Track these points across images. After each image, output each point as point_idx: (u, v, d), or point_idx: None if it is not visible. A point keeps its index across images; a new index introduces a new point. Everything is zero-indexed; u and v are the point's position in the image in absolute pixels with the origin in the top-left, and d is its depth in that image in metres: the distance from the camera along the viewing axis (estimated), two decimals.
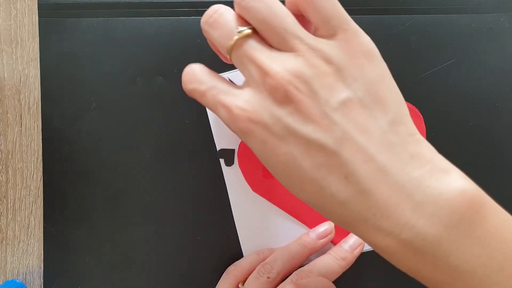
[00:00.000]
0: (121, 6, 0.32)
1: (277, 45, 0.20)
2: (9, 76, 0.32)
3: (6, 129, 0.32)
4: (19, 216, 0.32)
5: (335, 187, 0.19)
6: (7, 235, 0.32)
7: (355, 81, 0.20)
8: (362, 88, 0.20)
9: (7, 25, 0.32)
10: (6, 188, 0.32)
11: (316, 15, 0.20)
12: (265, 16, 0.20)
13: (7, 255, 0.32)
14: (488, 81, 0.32)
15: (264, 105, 0.20)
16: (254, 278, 0.29)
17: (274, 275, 0.29)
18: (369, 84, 0.20)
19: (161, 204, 0.32)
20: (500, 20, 0.32)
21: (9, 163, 0.32)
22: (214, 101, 0.21)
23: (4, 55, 0.32)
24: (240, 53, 0.21)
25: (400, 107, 0.20)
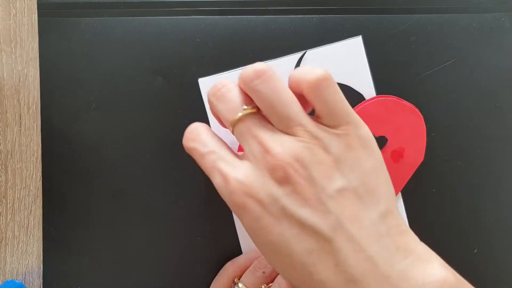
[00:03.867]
0: (121, 6, 0.32)
1: (280, 127, 0.21)
2: (8, 76, 0.32)
3: (5, 129, 0.32)
4: (18, 216, 0.32)
5: (325, 274, 0.19)
6: (6, 235, 0.32)
7: (351, 171, 0.21)
8: (357, 179, 0.21)
9: (7, 25, 0.31)
10: (5, 188, 0.32)
11: (322, 107, 0.21)
12: (271, 101, 0.21)
13: (6, 255, 0.32)
14: (488, 81, 0.32)
15: (263, 182, 0.20)
16: (250, 273, 0.29)
17: (270, 270, 0.29)
18: (364, 175, 0.21)
19: (161, 204, 0.32)
20: (500, 20, 0.32)
21: (8, 163, 0.32)
22: (212, 167, 0.22)
23: (4, 55, 0.31)
24: (243, 128, 0.21)
25: (391, 199, 0.21)
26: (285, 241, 0.20)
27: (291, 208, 0.20)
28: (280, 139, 0.21)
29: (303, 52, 0.31)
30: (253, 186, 0.20)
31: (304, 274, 0.20)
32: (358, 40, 0.32)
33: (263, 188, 0.20)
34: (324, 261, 0.19)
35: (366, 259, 0.19)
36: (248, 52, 0.32)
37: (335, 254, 0.19)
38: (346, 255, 0.19)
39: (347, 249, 0.19)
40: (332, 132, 0.21)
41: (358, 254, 0.19)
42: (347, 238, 0.19)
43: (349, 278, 0.19)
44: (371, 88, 0.32)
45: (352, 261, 0.19)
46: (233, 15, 0.32)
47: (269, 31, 0.32)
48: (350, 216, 0.20)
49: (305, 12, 0.32)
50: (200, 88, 0.32)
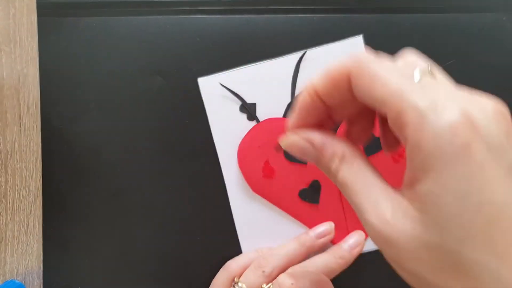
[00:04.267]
0: (121, 5, 0.32)
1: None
2: (8, 75, 0.31)
3: (5, 129, 0.32)
4: (18, 217, 0.32)
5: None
6: (6, 236, 0.32)
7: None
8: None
9: (6, 24, 0.31)
10: (5, 188, 0.32)
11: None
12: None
13: (6, 255, 0.32)
14: (488, 81, 0.32)
15: (487, 123, 0.16)
16: (250, 272, 0.29)
17: (270, 269, 0.29)
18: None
19: (161, 204, 0.32)
20: (500, 20, 0.32)
21: (8, 163, 0.32)
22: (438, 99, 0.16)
23: (3, 55, 0.31)
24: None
25: None
26: (510, 203, 0.15)
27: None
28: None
29: (303, 52, 0.31)
30: (482, 123, 0.15)
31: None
32: (359, 40, 0.32)
33: (490, 131, 0.15)
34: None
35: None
36: (248, 52, 0.31)
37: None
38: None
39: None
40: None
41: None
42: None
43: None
44: None
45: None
46: (233, 15, 0.32)
47: (269, 31, 0.32)
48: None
49: (305, 12, 0.32)
50: (200, 88, 0.31)
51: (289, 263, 0.30)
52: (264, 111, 0.32)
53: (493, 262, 0.15)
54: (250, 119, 0.32)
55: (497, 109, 0.16)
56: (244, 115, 0.32)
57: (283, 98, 0.32)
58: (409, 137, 0.16)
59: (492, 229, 0.15)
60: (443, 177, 0.15)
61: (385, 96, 0.16)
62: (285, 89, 0.32)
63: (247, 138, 0.31)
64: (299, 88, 0.32)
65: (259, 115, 0.32)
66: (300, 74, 0.32)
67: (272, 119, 0.31)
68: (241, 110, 0.32)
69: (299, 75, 0.32)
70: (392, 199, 0.17)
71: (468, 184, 0.15)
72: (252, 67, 0.32)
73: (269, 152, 0.31)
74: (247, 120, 0.32)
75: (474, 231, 0.15)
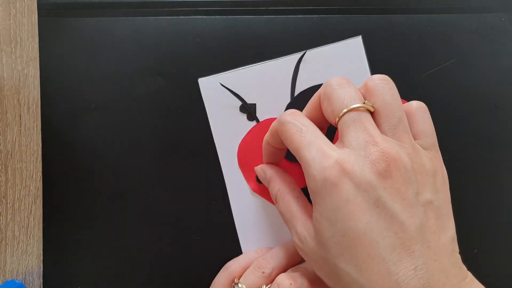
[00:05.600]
0: (121, 6, 0.32)
1: (386, 130, 0.22)
2: (8, 76, 0.32)
3: (5, 129, 0.32)
4: (18, 216, 0.32)
5: (402, 275, 0.19)
6: (6, 236, 0.32)
7: (437, 192, 0.22)
8: (441, 199, 0.22)
9: (6, 25, 0.31)
10: (5, 188, 0.32)
11: (425, 127, 0.24)
12: (389, 102, 0.23)
13: (6, 255, 0.32)
14: (488, 81, 0.32)
15: (363, 167, 0.20)
16: (250, 273, 0.29)
17: (269, 270, 0.29)
18: (445, 199, 0.23)
19: (161, 204, 0.32)
20: (500, 20, 0.32)
21: (8, 163, 0.32)
22: (310, 142, 0.22)
23: (4, 55, 0.31)
24: (356, 116, 0.22)
25: (454, 228, 0.23)
26: (371, 231, 0.20)
27: (386, 200, 0.20)
28: (387, 139, 0.21)
29: (303, 52, 0.31)
30: (352, 167, 0.20)
31: (382, 272, 0.19)
32: (358, 40, 0.32)
33: (362, 173, 0.20)
34: (404, 262, 0.19)
35: (441, 270, 0.20)
36: (248, 52, 0.32)
37: (416, 257, 0.19)
38: (425, 261, 0.19)
39: (426, 256, 0.20)
40: (427, 153, 0.23)
41: (434, 263, 0.20)
42: (427, 246, 0.20)
43: (425, 285, 0.19)
44: None
45: (430, 268, 0.19)
46: (233, 15, 0.32)
47: (269, 31, 0.32)
48: (431, 227, 0.21)
49: (305, 12, 0.32)
50: (200, 88, 0.32)
51: (289, 263, 0.30)
52: (264, 111, 0.32)
53: (355, 272, 0.20)
54: (250, 119, 0.32)
55: (380, 155, 0.21)
56: (244, 115, 0.32)
57: (283, 98, 0.32)
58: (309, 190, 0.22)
59: (354, 248, 0.20)
60: (321, 208, 0.21)
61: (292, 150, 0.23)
62: (285, 89, 0.32)
63: (247, 138, 0.31)
64: (298, 88, 0.32)
65: (259, 115, 0.32)
66: (300, 75, 0.32)
67: (272, 119, 0.31)
68: (241, 110, 0.32)
69: (299, 76, 0.32)
70: (306, 225, 0.23)
71: (336, 214, 0.20)
72: (252, 67, 0.32)
73: None
74: (247, 120, 0.32)
75: (342, 249, 0.20)
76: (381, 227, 0.20)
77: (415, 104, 0.25)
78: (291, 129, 0.23)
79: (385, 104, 0.23)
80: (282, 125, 0.24)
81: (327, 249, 0.21)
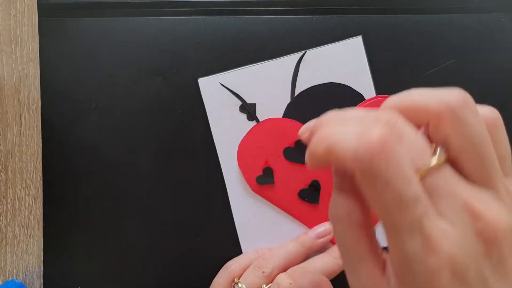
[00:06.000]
0: (121, 6, 0.32)
1: (475, 177, 0.16)
2: (8, 76, 0.32)
3: (5, 129, 0.32)
4: (18, 216, 0.32)
5: None
6: (6, 235, 0.32)
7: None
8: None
9: (7, 25, 0.31)
10: (5, 188, 0.32)
11: (506, 150, 0.18)
12: (479, 141, 0.16)
13: (6, 255, 0.32)
14: (488, 81, 0.32)
15: (475, 257, 0.15)
16: (250, 273, 0.29)
17: (269, 270, 0.29)
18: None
19: (161, 204, 0.32)
20: (500, 20, 0.32)
21: (8, 163, 0.32)
22: (414, 223, 0.15)
23: (4, 55, 0.31)
24: (439, 181, 0.16)
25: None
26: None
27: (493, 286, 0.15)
28: (483, 198, 0.16)
29: (303, 52, 0.31)
30: (465, 263, 0.15)
31: None
32: (358, 40, 0.32)
33: (474, 265, 0.15)
34: None
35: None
36: (248, 52, 0.32)
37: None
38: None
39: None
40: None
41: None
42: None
43: None
44: (371, 88, 0.32)
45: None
46: (233, 15, 0.32)
47: (269, 31, 0.32)
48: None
49: (305, 12, 0.32)
50: (200, 88, 0.32)
51: (288, 263, 0.30)
52: (264, 111, 0.32)
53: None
54: (250, 119, 0.32)
55: (487, 233, 0.15)
56: (244, 115, 0.32)
57: (283, 98, 0.32)
58: (393, 268, 0.16)
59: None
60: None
61: (382, 222, 0.16)
62: (285, 89, 0.32)
63: (247, 138, 0.31)
64: (298, 88, 0.32)
65: (259, 115, 0.32)
66: (300, 75, 0.32)
67: (272, 119, 0.31)
68: (241, 110, 0.32)
69: (299, 76, 0.32)
70: (374, 278, 0.17)
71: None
72: (252, 67, 0.32)
73: (269, 152, 0.31)
74: (247, 120, 0.32)
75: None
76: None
77: (489, 113, 0.17)
78: (384, 193, 0.15)
79: (470, 144, 0.16)
80: (368, 175, 0.15)
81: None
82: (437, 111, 0.16)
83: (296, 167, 0.31)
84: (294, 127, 0.31)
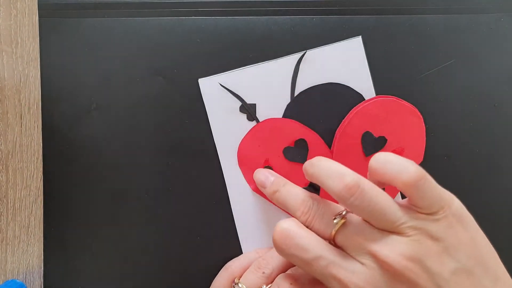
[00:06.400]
0: (121, 6, 0.32)
1: (380, 227, 0.22)
2: (9, 76, 0.32)
3: (6, 129, 0.32)
4: (19, 216, 0.32)
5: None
6: (7, 235, 0.32)
7: (457, 250, 0.22)
8: (464, 255, 0.22)
9: (7, 25, 0.32)
10: (6, 188, 0.32)
11: (419, 201, 0.22)
12: (370, 212, 0.22)
13: (7, 255, 0.32)
14: (488, 81, 0.32)
15: (379, 284, 0.21)
16: (250, 273, 0.29)
17: (269, 270, 0.29)
18: (469, 249, 0.22)
19: (161, 204, 0.32)
20: (500, 20, 0.32)
21: (9, 163, 0.32)
22: (324, 273, 0.21)
23: (4, 55, 0.32)
24: (342, 238, 0.22)
25: (497, 261, 0.23)
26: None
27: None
28: (387, 241, 0.21)
29: (303, 52, 0.32)
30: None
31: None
32: (358, 41, 0.32)
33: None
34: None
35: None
36: (248, 52, 0.32)
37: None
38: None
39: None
40: (431, 219, 0.22)
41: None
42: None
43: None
44: (371, 88, 0.32)
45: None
46: (233, 16, 0.32)
47: (269, 31, 0.32)
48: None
49: (305, 12, 0.32)
50: (200, 88, 0.32)
51: (289, 264, 0.30)
52: (264, 111, 0.32)
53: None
54: (250, 119, 0.32)
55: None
56: (244, 115, 0.32)
57: (283, 99, 0.32)
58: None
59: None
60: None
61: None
62: (285, 89, 0.32)
63: (247, 138, 0.31)
64: (298, 89, 0.32)
65: (259, 115, 0.32)
66: (300, 75, 0.32)
67: (272, 119, 0.31)
68: (241, 110, 0.32)
69: (299, 76, 0.32)
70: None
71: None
72: (252, 68, 0.32)
73: (269, 152, 0.31)
74: (247, 120, 0.32)
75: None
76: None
77: (401, 184, 0.22)
78: (297, 263, 0.24)
79: (365, 214, 0.22)
80: (285, 257, 0.24)
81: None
82: (336, 195, 0.22)
83: (296, 166, 0.31)
84: (294, 127, 0.31)
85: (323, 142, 0.31)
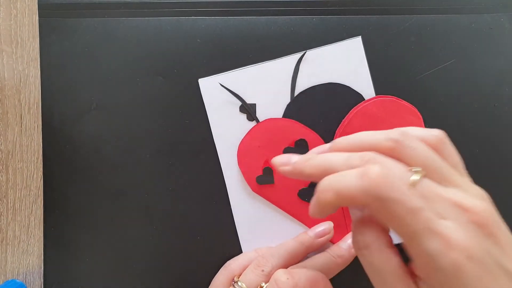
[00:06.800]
0: (121, 6, 0.32)
1: (443, 182, 0.21)
2: (9, 76, 0.32)
3: (6, 129, 0.32)
4: (19, 216, 0.32)
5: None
6: (7, 235, 0.32)
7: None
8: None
9: (7, 25, 0.32)
10: (6, 188, 0.32)
11: (450, 159, 0.22)
12: (428, 156, 0.21)
13: (7, 255, 0.32)
14: (488, 81, 0.32)
15: (478, 240, 0.19)
16: (249, 271, 0.29)
17: (269, 268, 0.29)
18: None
19: (161, 204, 0.32)
20: (500, 20, 0.32)
21: (9, 163, 0.32)
22: (427, 228, 0.19)
23: (4, 55, 0.32)
24: (424, 190, 0.19)
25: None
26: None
27: (504, 262, 0.19)
28: (460, 194, 0.20)
29: (303, 52, 0.32)
30: (475, 248, 0.19)
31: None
32: (358, 41, 0.32)
33: (481, 247, 0.19)
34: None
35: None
36: (248, 52, 0.32)
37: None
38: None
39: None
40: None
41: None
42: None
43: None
44: (371, 88, 0.32)
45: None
46: (233, 16, 0.32)
47: (269, 31, 0.32)
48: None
49: (305, 12, 0.32)
50: (200, 88, 0.32)
51: (288, 262, 0.30)
52: (264, 111, 0.32)
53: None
54: (250, 119, 0.32)
55: (475, 220, 0.20)
56: (244, 115, 0.32)
57: (282, 99, 0.32)
58: (420, 272, 0.20)
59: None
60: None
61: (401, 236, 0.19)
62: (285, 89, 0.32)
63: (247, 138, 0.31)
64: (298, 89, 0.32)
65: (259, 115, 0.32)
66: (300, 75, 0.32)
67: (272, 119, 0.32)
68: (241, 110, 0.32)
69: (299, 76, 0.32)
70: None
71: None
72: (252, 68, 0.32)
73: (269, 152, 0.31)
74: (247, 120, 0.32)
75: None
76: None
77: (434, 136, 0.22)
78: (397, 209, 0.19)
79: (426, 162, 0.20)
80: (383, 200, 0.19)
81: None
82: (388, 144, 0.21)
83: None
84: (294, 127, 0.31)
85: (323, 142, 0.31)
